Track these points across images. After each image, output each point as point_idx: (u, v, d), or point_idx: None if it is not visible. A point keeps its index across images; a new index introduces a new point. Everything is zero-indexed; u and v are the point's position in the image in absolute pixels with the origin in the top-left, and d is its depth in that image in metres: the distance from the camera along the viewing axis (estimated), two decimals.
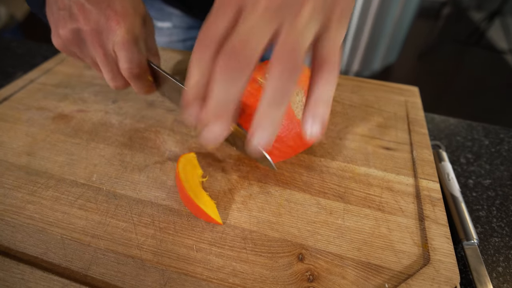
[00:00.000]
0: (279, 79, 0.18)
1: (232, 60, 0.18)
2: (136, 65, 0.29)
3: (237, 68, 0.18)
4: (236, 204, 0.29)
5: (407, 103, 0.42)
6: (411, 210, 0.29)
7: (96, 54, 0.29)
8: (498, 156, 0.41)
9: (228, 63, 0.18)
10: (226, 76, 0.18)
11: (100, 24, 0.28)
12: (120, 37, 0.28)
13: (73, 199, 0.29)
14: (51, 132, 0.36)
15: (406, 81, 2.03)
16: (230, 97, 0.19)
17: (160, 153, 0.34)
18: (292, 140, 0.31)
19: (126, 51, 0.28)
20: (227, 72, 0.18)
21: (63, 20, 0.28)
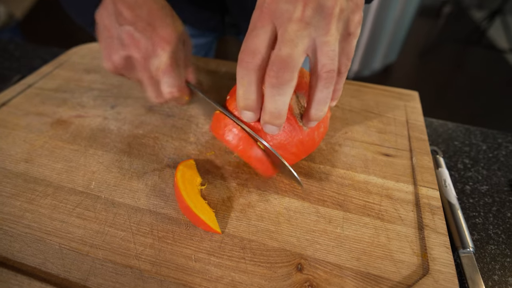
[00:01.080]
0: (323, 89, 0.24)
1: (281, 72, 0.22)
2: (176, 89, 0.32)
3: (286, 79, 0.22)
4: (235, 213, 0.29)
5: (406, 108, 0.42)
6: (411, 219, 0.29)
7: (142, 77, 0.32)
8: (495, 162, 0.41)
9: (277, 75, 0.22)
10: (277, 88, 0.22)
11: (148, 51, 0.30)
12: (163, 63, 0.30)
13: (71, 207, 0.29)
14: (49, 138, 0.36)
15: (406, 80, 2.02)
16: (283, 105, 0.23)
17: (158, 160, 0.34)
18: (295, 147, 0.31)
19: (168, 77, 0.31)
20: (278, 85, 0.22)
21: (115, 47, 0.31)
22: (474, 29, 2.64)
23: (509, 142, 0.44)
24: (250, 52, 0.23)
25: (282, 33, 0.22)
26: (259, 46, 0.23)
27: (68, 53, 0.51)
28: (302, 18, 0.21)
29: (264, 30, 0.23)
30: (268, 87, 0.23)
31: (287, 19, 0.22)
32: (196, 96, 0.36)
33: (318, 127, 0.32)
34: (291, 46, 0.21)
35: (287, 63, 0.21)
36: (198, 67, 0.49)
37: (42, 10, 2.65)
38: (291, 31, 0.21)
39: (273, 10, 0.22)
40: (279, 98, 0.23)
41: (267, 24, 0.22)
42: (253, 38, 0.23)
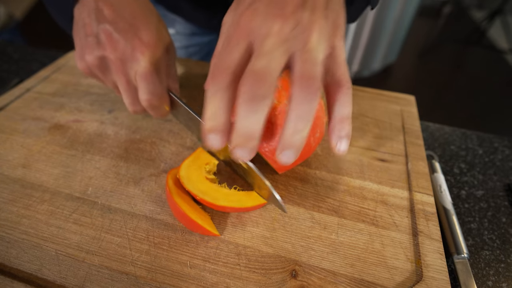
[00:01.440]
0: (301, 105, 0.20)
1: (255, 87, 0.19)
2: (155, 97, 0.30)
3: (260, 95, 0.19)
4: (230, 219, 0.29)
5: (403, 112, 0.42)
6: (405, 225, 0.29)
7: (118, 81, 0.30)
8: (491, 166, 0.41)
9: (251, 89, 0.19)
10: (250, 104, 0.19)
11: (126, 54, 0.28)
12: (143, 67, 0.28)
13: (68, 213, 0.29)
14: (46, 144, 0.36)
15: (406, 81, 2.02)
16: (256, 124, 0.20)
17: (155, 165, 0.34)
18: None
19: (147, 82, 0.29)
20: (251, 100, 0.19)
21: (90, 46, 0.29)
22: (474, 29, 2.64)
23: (506, 146, 0.44)
24: (222, 68, 0.21)
25: (258, 47, 0.20)
26: (232, 63, 0.21)
27: (66, 57, 0.52)
28: (279, 32, 0.20)
29: (239, 46, 0.21)
30: (241, 104, 0.20)
31: (264, 34, 0.20)
32: (177, 107, 0.32)
33: (314, 132, 0.32)
34: (268, 59, 0.20)
35: (262, 77, 0.19)
36: (193, 71, 0.49)
37: (42, 10, 2.65)
38: (268, 44, 0.20)
39: (251, 27, 0.21)
40: (252, 116, 0.20)
41: (243, 40, 0.21)
42: (226, 54, 0.21)
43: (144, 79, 0.29)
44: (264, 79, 0.19)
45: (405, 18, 2.07)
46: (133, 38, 0.28)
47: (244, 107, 0.20)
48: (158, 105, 0.31)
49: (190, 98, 0.44)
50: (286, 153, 0.21)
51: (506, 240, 0.33)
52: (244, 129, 0.20)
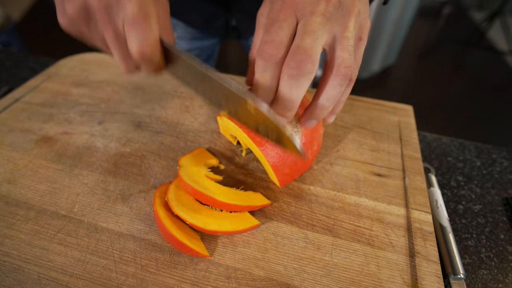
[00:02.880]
0: (334, 89, 0.24)
1: (303, 63, 0.21)
2: (146, 46, 0.26)
3: (307, 70, 0.22)
4: (221, 238, 0.28)
5: (400, 123, 0.41)
6: (402, 245, 0.28)
7: (105, 33, 0.26)
8: (489, 179, 0.40)
9: (299, 65, 0.21)
10: (296, 78, 0.22)
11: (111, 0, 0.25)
12: (130, 13, 0.25)
13: (53, 233, 0.28)
14: (33, 157, 0.35)
15: (405, 82, 2.01)
16: (298, 97, 0.23)
17: (145, 181, 0.33)
18: (288, 168, 0.31)
19: (136, 29, 0.25)
20: (297, 75, 0.22)
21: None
22: (474, 30, 2.63)
23: (504, 157, 0.43)
24: (275, 44, 0.22)
25: (305, 25, 0.22)
26: (284, 39, 0.22)
27: (57, 65, 0.50)
28: (324, 12, 0.22)
29: (288, 22, 0.23)
30: (286, 78, 0.22)
31: (309, 12, 0.22)
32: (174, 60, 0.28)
33: (312, 145, 0.31)
34: (313, 38, 0.22)
35: (309, 54, 0.22)
36: None
37: (40, 12, 2.64)
38: (313, 23, 0.22)
39: (296, 2, 0.23)
40: (296, 90, 0.23)
41: (290, 16, 0.23)
42: (277, 30, 0.23)
43: (132, 26, 0.25)
44: (310, 56, 0.22)
45: (405, 19, 2.06)
46: None
47: (290, 81, 0.22)
48: (150, 55, 0.27)
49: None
50: (311, 121, 0.27)
51: (504, 258, 0.32)
52: (286, 101, 0.23)
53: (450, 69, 2.36)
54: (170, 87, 0.47)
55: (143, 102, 0.44)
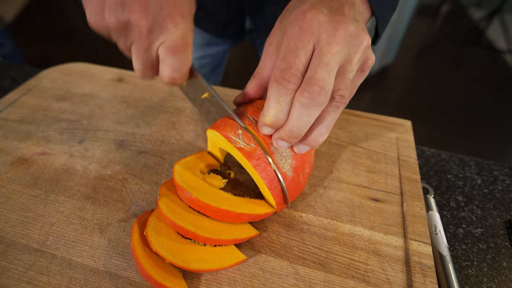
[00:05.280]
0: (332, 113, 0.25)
1: (316, 95, 0.22)
2: (179, 73, 0.27)
3: (320, 102, 0.22)
4: (205, 275, 0.26)
5: (398, 141, 0.39)
6: (400, 282, 0.26)
7: (136, 46, 0.26)
8: (491, 199, 0.38)
9: (312, 96, 0.22)
10: (308, 109, 0.23)
11: (157, 22, 0.24)
12: (173, 41, 0.25)
13: (22, 270, 0.26)
14: (7, 182, 0.33)
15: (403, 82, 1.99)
16: (306, 126, 0.24)
17: (125, 208, 0.31)
18: (278, 197, 0.29)
19: (175, 57, 0.25)
20: (310, 105, 0.23)
21: (112, 6, 0.23)
22: (473, 29, 2.61)
23: (506, 175, 0.41)
24: (292, 72, 0.23)
25: (320, 55, 0.22)
26: (301, 67, 0.23)
27: (38, 77, 0.48)
28: (340, 42, 0.23)
29: (305, 51, 0.23)
30: (298, 106, 0.23)
31: (326, 41, 0.23)
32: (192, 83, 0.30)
33: (303, 168, 0.29)
34: (327, 70, 0.22)
35: (323, 86, 0.22)
36: (174, 92, 0.46)
37: (33, 12, 2.60)
38: (329, 54, 0.22)
39: (314, 29, 0.23)
40: (306, 118, 0.23)
41: (307, 43, 0.23)
42: (294, 58, 0.23)
43: (172, 53, 0.25)
44: (324, 88, 0.22)
45: (403, 18, 2.03)
46: (166, 4, 0.24)
47: (302, 110, 0.23)
48: (180, 81, 0.28)
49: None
50: (304, 147, 0.27)
51: None
52: (295, 128, 0.24)
53: (449, 68, 2.34)
54: (157, 101, 0.44)
55: (127, 118, 0.41)
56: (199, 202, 0.27)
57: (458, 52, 2.53)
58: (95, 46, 2.19)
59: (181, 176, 0.29)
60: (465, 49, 2.55)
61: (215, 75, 0.74)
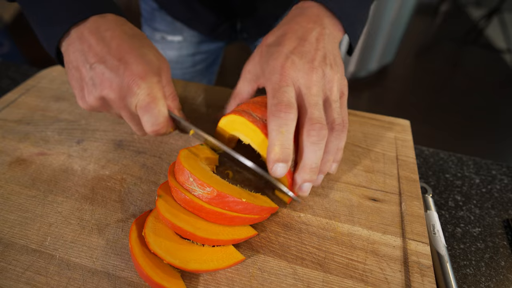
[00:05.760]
0: (334, 140, 0.29)
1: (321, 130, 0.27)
2: (158, 125, 0.30)
3: (324, 135, 0.27)
4: (203, 276, 0.26)
5: (397, 140, 0.39)
6: (398, 281, 0.26)
7: (122, 114, 0.31)
8: (489, 198, 0.38)
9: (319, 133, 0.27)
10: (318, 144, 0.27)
11: (123, 90, 0.28)
12: (141, 100, 0.28)
13: (21, 270, 0.26)
14: (5, 182, 0.33)
15: (402, 81, 2.00)
16: (320, 156, 0.28)
17: (124, 208, 0.31)
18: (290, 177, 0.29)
19: (147, 113, 0.29)
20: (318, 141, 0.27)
21: (87, 88, 0.29)
22: (472, 28, 2.61)
23: (504, 174, 0.41)
24: (286, 104, 0.26)
25: (305, 99, 0.28)
26: (292, 100, 0.27)
27: (37, 77, 0.48)
28: (317, 83, 0.28)
29: (289, 88, 0.27)
30: (310, 145, 0.27)
31: (305, 86, 0.28)
32: (182, 126, 0.33)
33: None
34: (318, 109, 0.28)
35: (323, 122, 0.27)
36: None
37: None
38: (313, 96, 0.28)
39: (294, 75, 0.28)
40: (319, 152, 0.27)
41: (290, 84, 0.28)
42: (283, 94, 0.27)
43: (144, 111, 0.29)
44: (323, 123, 0.27)
45: (402, 18, 2.03)
46: (124, 73, 0.28)
47: (314, 147, 0.27)
48: (162, 131, 0.31)
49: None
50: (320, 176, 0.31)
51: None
52: (314, 165, 0.27)
53: (448, 67, 2.35)
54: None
55: None
56: (194, 203, 0.27)
57: (457, 51, 2.53)
58: None
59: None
60: (464, 48, 2.55)
61: (209, 73, 0.74)
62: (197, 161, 0.30)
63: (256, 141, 0.29)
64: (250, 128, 0.29)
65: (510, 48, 2.43)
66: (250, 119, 0.29)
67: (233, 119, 0.31)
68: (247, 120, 0.29)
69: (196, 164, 0.29)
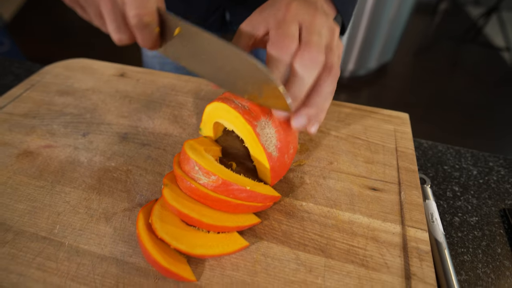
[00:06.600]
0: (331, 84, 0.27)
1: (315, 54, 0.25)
2: (144, 10, 0.26)
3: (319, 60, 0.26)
4: (208, 261, 0.27)
5: (396, 133, 0.40)
6: (397, 266, 0.27)
7: (104, 5, 0.26)
8: (486, 189, 0.39)
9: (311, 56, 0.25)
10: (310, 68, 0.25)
11: None
12: None
13: (31, 257, 0.27)
14: (13, 173, 0.34)
15: (401, 79, 2.00)
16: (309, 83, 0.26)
17: (130, 198, 0.32)
18: (264, 176, 0.30)
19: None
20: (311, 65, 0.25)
21: None
22: (471, 27, 2.62)
23: (501, 165, 0.42)
24: (289, 37, 0.26)
25: (309, 27, 0.27)
26: (295, 33, 0.26)
27: (41, 72, 0.49)
28: (320, 21, 0.27)
29: (294, 23, 0.27)
30: (300, 67, 0.25)
31: (309, 21, 0.27)
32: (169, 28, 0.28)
33: (288, 149, 0.31)
34: (319, 36, 0.26)
35: (320, 47, 0.26)
36: (176, 87, 0.47)
37: (31, 11, 2.59)
38: (316, 26, 0.27)
39: (297, 12, 0.27)
40: (307, 79, 0.25)
41: (294, 21, 0.27)
42: (287, 27, 0.26)
43: None
44: (320, 48, 0.26)
45: (401, 16, 2.04)
46: None
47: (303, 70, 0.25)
48: (148, 22, 0.27)
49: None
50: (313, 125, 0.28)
51: (501, 274, 0.31)
52: (301, 86, 0.25)
53: (447, 65, 2.36)
54: (159, 95, 0.45)
55: (130, 112, 0.42)
56: (199, 191, 0.28)
57: (456, 49, 2.54)
58: (92, 44, 2.19)
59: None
60: (463, 47, 2.56)
61: None
62: (202, 151, 0.31)
63: (238, 127, 0.30)
64: (232, 115, 0.30)
65: (508, 46, 2.44)
66: (232, 106, 0.30)
67: (216, 106, 0.32)
68: (229, 107, 0.30)
69: (201, 154, 0.30)
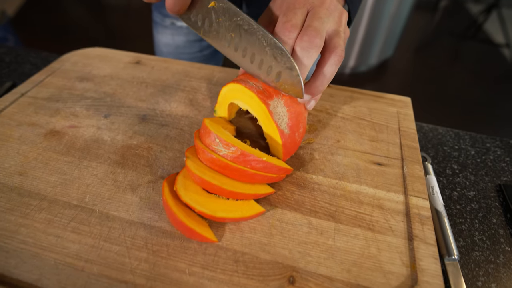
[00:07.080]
0: (334, 65, 0.29)
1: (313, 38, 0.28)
2: None
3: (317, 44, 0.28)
4: (228, 225, 0.30)
5: (399, 114, 0.42)
6: (401, 229, 0.29)
7: None
8: (483, 167, 0.41)
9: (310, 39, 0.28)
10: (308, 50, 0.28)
11: None
12: None
13: (66, 221, 0.30)
14: (43, 150, 0.36)
15: (402, 75, 2.02)
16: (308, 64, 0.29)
17: (152, 172, 0.34)
18: (277, 152, 0.33)
19: None
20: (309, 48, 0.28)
21: None
22: (471, 23, 2.64)
23: (497, 146, 0.44)
24: (292, 25, 0.28)
25: (314, 13, 0.29)
26: (299, 22, 0.29)
27: (60, 60, 0.51)
28: (328, 7, 0.30)
29: (301, 11, 0.29)
30: (299, 50, 0.28)
31: (317, 6, 0.29)
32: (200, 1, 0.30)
33: (298, 128, 0.33)
34: (321, 22, 0.28)
35: (319, 31, 0.28)
36: (189, 73, 0.49)
37: (35, 7, 2.61)
38: (321, 12, 0.29)
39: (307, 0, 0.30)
40: (306, 59, 0.28)
41: (302, 6, 0.29)
42: (293, 15, 0.29)
43: None
44: (319, 32, 0.28)
45: (402, 13, 2.06)
46: None
47: (302, 52, 0.28)
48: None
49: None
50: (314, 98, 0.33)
51: (496, 241, 0.33)
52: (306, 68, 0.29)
53: (447, 62, 2.38)
54: (174, 81, 0.47)
55: (147, 96, 0.44)
56: (219, 162, 0.30)
57: (456, 46, 2.56)
58: (96, 40, 2.21)
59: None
60: (463, 43, 2.58)
61: (217, 58, 0.76)
62: (220, 127, 0.34)
63: (253, 106, 0.33)
64: (247, 94, 0.32)
65: (508, 42, 2.46)
66: (247, 86, 0.32)
67: (232, 87, 0.34)
68: (244, 87, 0.32)
69: (220, 128, 0.33)
